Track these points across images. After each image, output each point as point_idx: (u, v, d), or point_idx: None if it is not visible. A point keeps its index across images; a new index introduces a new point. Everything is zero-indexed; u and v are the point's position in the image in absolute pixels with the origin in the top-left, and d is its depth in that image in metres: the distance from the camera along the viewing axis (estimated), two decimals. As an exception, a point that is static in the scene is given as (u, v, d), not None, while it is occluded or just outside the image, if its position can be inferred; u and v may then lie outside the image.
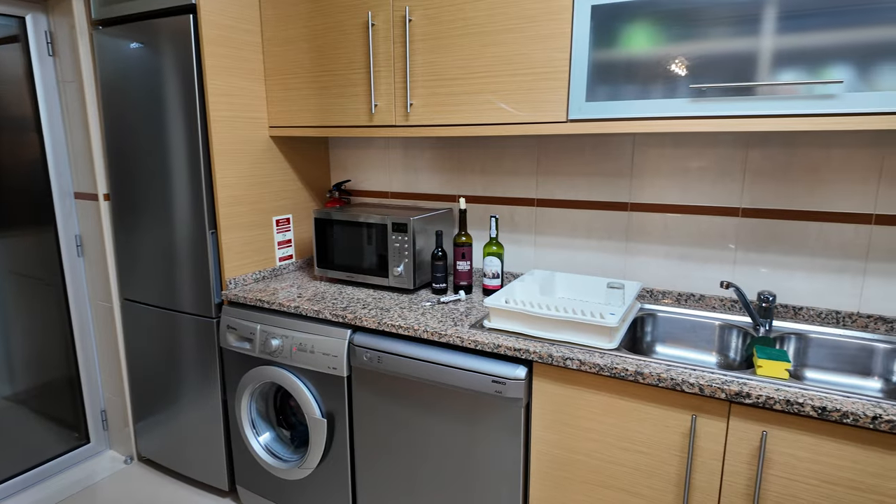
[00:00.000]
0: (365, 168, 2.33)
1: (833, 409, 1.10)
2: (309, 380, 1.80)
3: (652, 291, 1.82)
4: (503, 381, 1.44)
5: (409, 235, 1.85)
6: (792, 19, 1.24)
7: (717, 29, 1.32)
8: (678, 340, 1.70)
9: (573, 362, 1.36)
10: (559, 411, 1.43)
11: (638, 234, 1.82)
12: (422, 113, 1.75)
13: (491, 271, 1.86)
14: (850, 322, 1.57)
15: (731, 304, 1.71)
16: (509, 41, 1.57)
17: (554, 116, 1.55)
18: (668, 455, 1.31)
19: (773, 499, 1.21)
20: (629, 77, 1.44)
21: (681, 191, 1.74)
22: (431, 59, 1.70)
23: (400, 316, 1.67)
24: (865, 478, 1.12)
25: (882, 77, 1.19)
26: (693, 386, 1.23)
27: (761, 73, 1.29)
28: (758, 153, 1.62)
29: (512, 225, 2.04)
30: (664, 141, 1.74)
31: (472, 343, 1.49)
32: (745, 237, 1.67)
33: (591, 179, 1.87)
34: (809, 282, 1.61)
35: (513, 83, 1.59)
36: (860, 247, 1.54)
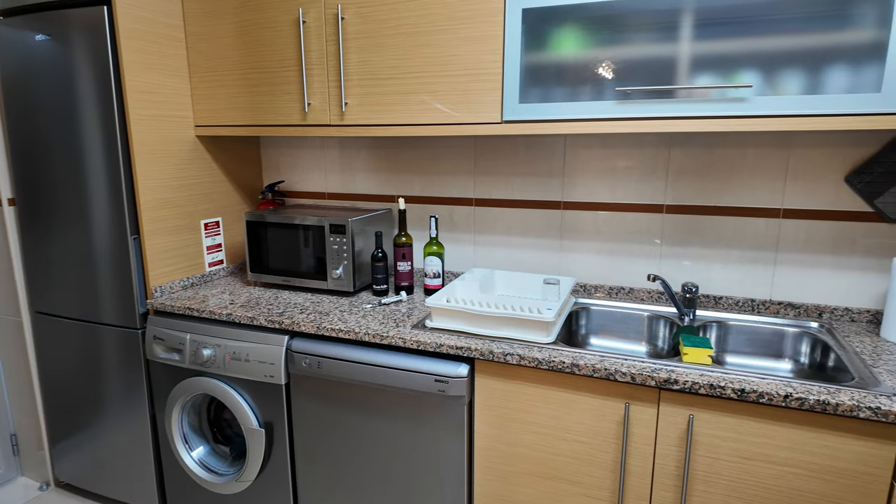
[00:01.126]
0: (299, 168, 2.27)
1: (751, 390, 1.19)
2: (244, 389, 1.73)
3: (585, 286, 1.89)
4: (446, 380, 1.45)
5: (347, 237, 1.82)
6: (706, 27, 1.33)
7: (639, 35, 1.39)
8: (611, 332, 1.77)
9: (513, 357, 1.39)
10: (501, 406, 1.46)
11: (571, 231, 1.89)
12: (357, 112, 1.73)
13: (432, 271, 1.87)
14: (763, 309, 1.70)
15: (658, 296, 1.81)
16: (442, 42, 1.58)
17: (489, 117, 1.57)
18: (605, 443, 1.37)
19: (700, 478, 1.29)
20: (560, 80, 1.48)
21: (609, 189, 1.82)
22: (366, 58, 1.68)
23: (340, 319, 1.64)
24: (780, 452, 1.21)
25: (785, 82, 1.29)
26: (625, 375, 1.29)
27: (680, 77, 1.37)
28: (679, 153, 1.72)
29: (451, 224, 2.06)
30: (593, 142, 1.81)
31: (414, 343, 1.49)
32: (669, 232, 1.77)
33: (526, 179, 1.92)
34: (727, 272, 1.73)
35: (448, 84, 1.60)
36: (770, 239, 1.67)
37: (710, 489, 1.29)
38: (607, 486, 1.38)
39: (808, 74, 1.27)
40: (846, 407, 1.12)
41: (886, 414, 1.09)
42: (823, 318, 1.63)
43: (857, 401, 1.12)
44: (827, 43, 1.25)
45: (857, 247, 1.59)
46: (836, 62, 1.25)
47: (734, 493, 1.27)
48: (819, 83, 1.27)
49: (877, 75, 1.23)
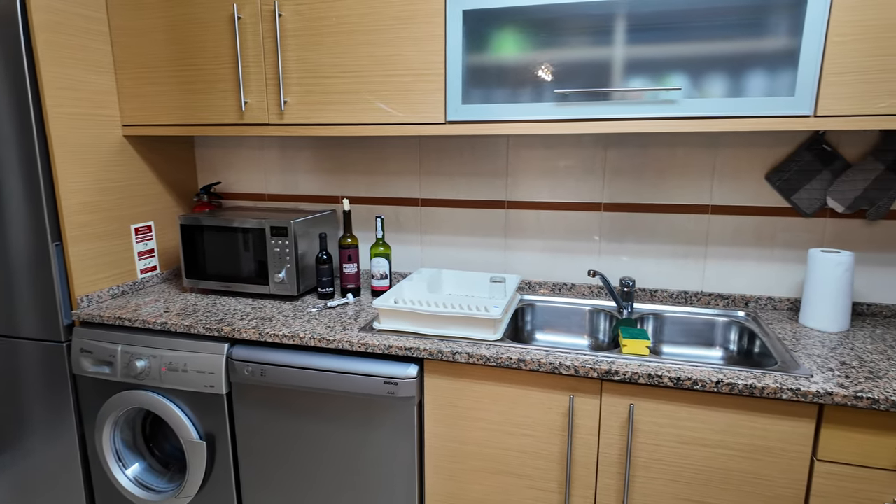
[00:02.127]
0: (237, 169, 2.19)
1: (686, 378, 1.25)
2: (182, 401, 1.65)
3: (530, 283, 1.93)
4: (395, 382, 1.44)
5: (290, 239, 1.77)
6: (637, 32, 1.39)
7: (576, 38, 1.43)
8: (555, 327, 1.82)
9: (462, 356, 1.40)
10: (451, 405, 1.47)
11: (515, 230, 1.92)
12: (297, 111, 1.68)
13: (379, 272, 1.85)
14: (695, 300, 1.79)
15: (599, 291, 1.87)
16: (384, 41, 1.57)
17: (433, 117, 1.58)
18: (552, 435, 1.40)
19: (641, 464, 1.35)
20: (501, 81, 1.51)
21: (551, 189, 1.86)
22: (305, 56, 1.64)
23: (284, 325, 1.60)
24: (713, 435, 1.28)
25: (711, 85, 1.37)
26: (569, 368, 1.33)
27: (615, 80, 1.43)
28: (616, 153, 1.79)
29: (398, 225, 2.05)
30: (535, 142, 1.85)
31: (362, 346, 1.47)
32: (607, 229, 1.84)
33: (471, 179, 1.94)
34: (662, 266, 1.81)
35: (391, 83, 1.59)
36: (700, 234, 1.76)
37: (651, 474, 1.34)
38: (555, 478, 1.42)
39: (731, 78, 1.36)
40: (771, 390, 1.20)
41: (805, 394, 1.18)
42: (749, 307, 1.75)
43: (780, 383, 1.21)
44: (747, 49, 1.34)
45: (778, 240, 1.70)
46: (755, 67, 1.34)
47: (673, 477, 1.33)
48: (741, 87, 1.36)
49: (791, 80, 1.32)
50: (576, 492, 1.41)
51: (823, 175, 1.62)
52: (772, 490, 1.27)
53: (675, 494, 1.34)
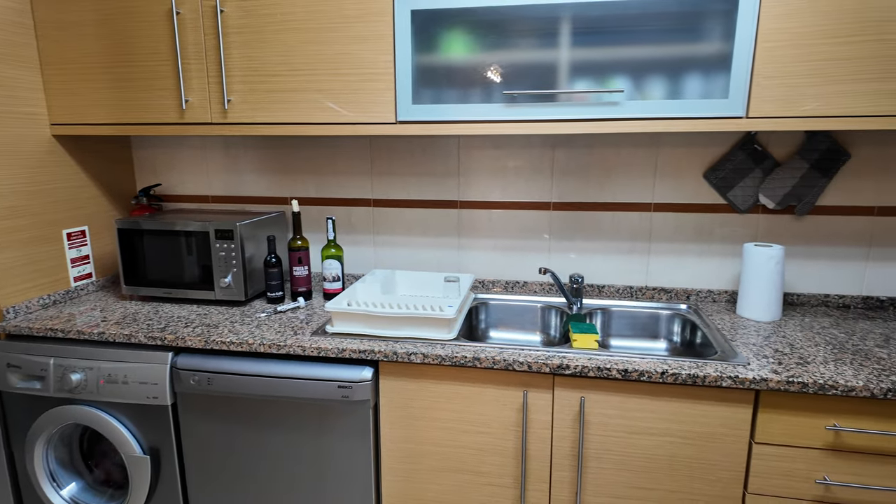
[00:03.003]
0: (178, 170, 2.10)
1: (633, 369, 1.30)
2: (123, 414, 1.57)
3: (483, 282, 1.95)
4: (349, 385, 1.42)
5: (236, 242, 1.72)
6: (582, 35, 1.43)
7: (523, 40, 1.46)
8: (508, 324, 1.84)
9: (417, 356, 1.39)
10: (406, 406, 1.46)
11: (468, 229, 1.94)
12: (242, 110, 1.63)
13: (331, 274, 1.82)
14: (640, 295, 1.86)
15: (549, 288, 1.91)
16: (331, 40, 1.55)
17: (383, 117, 1.56)
18: (507, 431, 1.42)
19: (593, 455, 1.39)
20: (451, 82, 1.52)
21: (502, 188, 1.89)
22: (250, 54, 1.60)
23: (231, 331, 1.54)
24: (660, 423, 1.34)
25: (651, 88, 1.43)
26: (523, 364, 1.35)
27: (561, 82, 1.46)
28: (563, 153, 1.83)
29: (350, 226, 2.02)
30: (485, 143, 1.87)
31: (315, 350, 1.44)
32: (556, 228, 1.88)
33: (423, 179, 1.94)
34: (608, 263, 1.87)
35: (339, 82, 1.57)
36: (644, 231, 1.83)
37: (602, 465, 1.38)
38: (510, 473, 1.44)
39: (670, 81, 1.42)
40: (712, 378, 1.26)
41: (743, 381, 1.25)
42: (691, 300, 1.83)
43: (720, 372, 1.27)
44: (684, 53, 1.40)
45: (715, 235, 1.79)
46: (692, 71, 1.40)
47: (623, 466, 1.38)
48: (679, 89, 1.42)
49: (725, 83, 1.39)
50: (531, 486, 1.43)
51: (755, 173, 1.72)
52: (714, 473, 1.33)
53: (625, 483, 1.38)
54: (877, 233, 1.70)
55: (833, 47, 1.32)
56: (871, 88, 1.32)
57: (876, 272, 1.72)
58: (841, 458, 1.26)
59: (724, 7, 1.36)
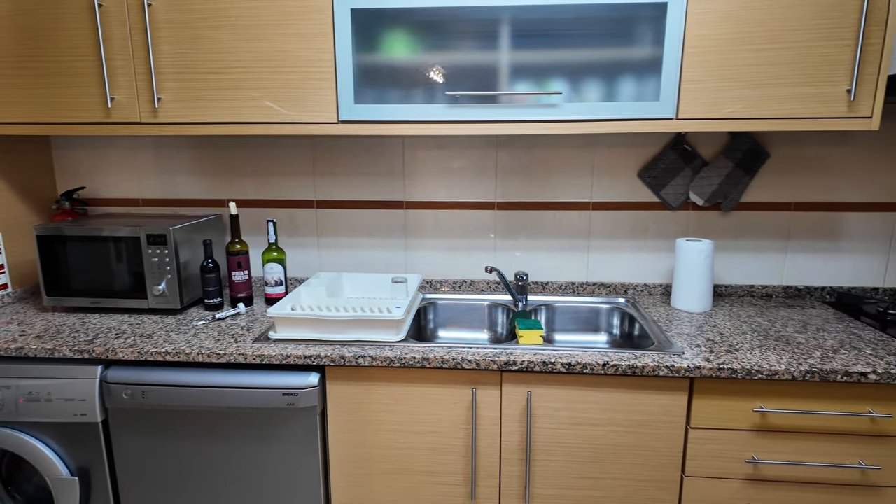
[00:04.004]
0: (105, 172, 1.98)
1: (576, 363, 1.34)
2: (47, 435, 1.46)
3: (431, 282, 1.96)
4: (295, 392, 1.39)
5: (169, 247, 1.63)
6: (521, 38, 1.46)
7: (465, 42, 1.47)
8: (456, 323, 1.85)
9: (365, 359, 1.38)
10: (355, 410, 1.44)
11: (415, 230, 1.94)
12: (174, 109, 1.56)
13: (273, 279, 1.76)
14: (582, 290, 1.92)
15: (496, 286, 1.94)
16: (269, 37, 1.50)
17: (325, 117, 1.54)
18: (456, 430, 1.43)
19: (540, 448, 1.42)
20: (394, 82, 1.51)
21: (447, 188, 1.90)
22: (182, 50, 1.52)
23: (167, 341, 1.47)
24: (602, 414, 1.38)
25: (587, 90, 1.47)
26: (471, 363, 1.36)
27: (502, 84, 1.49)
28: (506, 154, 1.86)
29: (292, 228, 1.97)
30: (429, 143, 1.87)
31: (257, 358, 1.39)
32: (501, 227, 1.91)
33: (368, 180, 1.92)
34: (551, 260, 1.92)
35: (278, 81, 1.52)
36: (584, 228, 1.89)
37: (550, 457, 1.42)
38: (461, 471, 1.45)
39: (606, 84, 1.47)
40: (650, 368, 1.32)
41: (678, 370, 1.31)
42: (629, 293, 1.91)
43: (657, 362, 1.33)
44: (618, 57, 1.45)
45: (650, 231, 1.88)
46: (626, 74, 1.46)
47: (569, 457, 1.41)
48: (614, 92, 1.47)
49: (656, 86, 1.46)
50: (482, 482, 1.45)
51: (686, 172, 1.81)
52: (655, 459, 1.39)
53: (571, 473, 1.42)
54: (794, 227, 1.83)
55: (752, 54, 1.41)
56: (787, 92, 1.43)
57: (794, 263, 1.86)
58: (767, 437, 1.35)
59: (653, 14, 1.42)
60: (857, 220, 1.81)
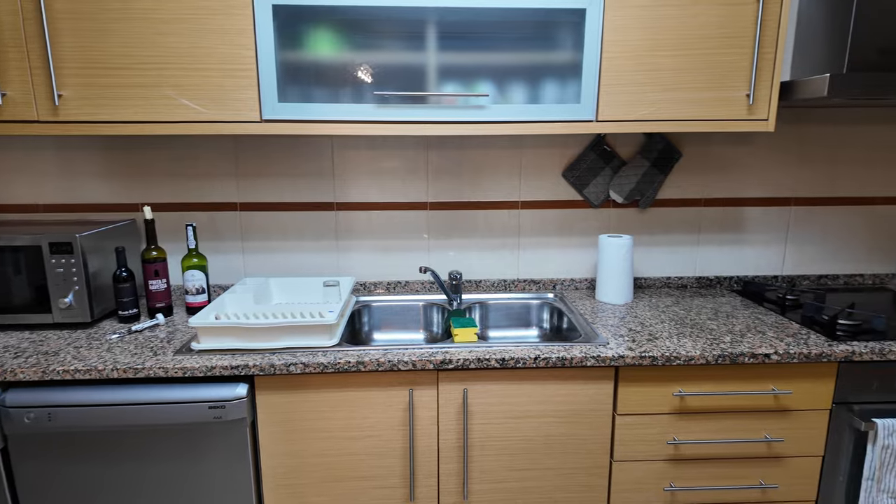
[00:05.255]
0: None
1: (510, 357, 1.37)
2: (-65, 470, 1.31)
3: (365, 284, 1.93)
4: (222, 405, 1.32)
5: (76, 256, 1.51)
6: (448, 40, 1.47)
7: (392, 42, 1.47)
8: (392, 325, 1.84)
9: (297, 367, 1.34)
10: (288, 420, 1.40)
11: (346, 231, 1.90)
12: (78, 106, 1.44)
13: (194, 287, 1.67)
14: (513, 287, 1.97)
15: (430, 286, 1.95)
16: (185, 32, 1.42)
17: (247, 116, 1.48)
18: (394, 432, 1.42)
19: (477, 444, 1.44)
20: (320, 81, 1.47)
21: (379, 189, 1.88)
22: (86, 43, 1.41)
23: (76, 357, 1.36)
24: (535, 406, 1.43)
25: (514, 93, 1.51)
26: (407, 363, 1.36)
27: (430, 85, 1.49)
28: (436, 154, 1.87)
29: (214, 233, 1.88)
30: (359, 143, 1.85)
31: (179, 371, 1.31)
32: (434, 227, 1.92)
33: (295, 181, 1.86)
34: (483, 258, 1.95)
35: (196, 78, 1.45)
36: (513, 227, 1.94)
37: (486, 452, 1.44)
38: (399, 473, 1.44)
39: (531, 87, 1.51)
40: (578, 359, 1.37)
41: (604, 359, 1.37)
42: (557, 288, 1.97)
43: (584, 353, 1.39)
44: (542, 61, 1.50)
45: (575, 228, 1.95)
46: (549, 77, 1.51)
47: (504, 451, 1.44)
48: (539, 94, 1.52)
49: (577, 90, 1.52)
50: (420, 482, 1.45)
51: (606, 171, 1.90)
52: (585, 447, 1.45)
53: (506, 466, 1.45)
54: (704, 221, 1.97)
55: (664, 59, 1.51)
56: (695, 96, 1.53)
57: (705, 255, 2.00)
58: (685, 419, 1.45)
59: (573, 19, 1.48)
60: (758, 214, 1.98)
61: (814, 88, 1.47)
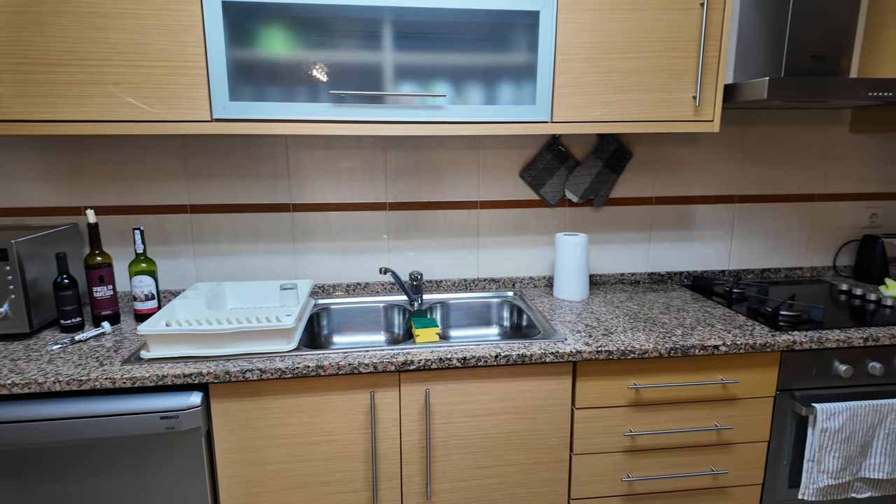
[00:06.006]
0: (-77, 179, 1.68)
1: (471, 356, 1.38)
2: None
3: (324, 286, 1.90)
4: (175, 415, 1.27)
5: (12, 263, 1.42)
6: (404, 40, 1.47)
7: (346, 41, 1.45)
8: (352, 328, 1.82)
9: (254, 373, 1.30)
10: (245, 428, 1.36)
11: (303, 233, 1.87)
12: (14, 104, 1.36)
13: (142, 293, 1.61)
14: (474, 286, 1.98)
15: (391, 287, 1.94)
16: (130, 27, 1.37)
17: (197, 115, 1.43)
18: (355, 435, 1.40)
19: (439, 444, 1.44)
20: (273, 79, 1.44)
21: (336, 190, 1.86)
22: (21, 38, 1.33)
23: (13, 370, 1.28)
24: (496, 403, 1.44)
25: (471, 93, 1.52)
26: (368, 366, 1.35)
27: (387, 85, 1.49)
28: (395, 154, 1.87)
29: (163, 236, 1.81)
30: (316, 143, 1.82)
31: (128, 381, 1.26)
32: (394, 227, 1.91)
33: (248, 182, 1.81)
34: (444, 258, 1.96)
35: (142, 76, 1.39)
36: (473, 226, 1.95)
37: (448, 452, 1.45)
38: (361, 477, 1.43)
39: (487, 88, 1.53)
40: (537, 356, 1.39)
41: (563, 355, 1.40)
42: (516, 287, 2.00)
43: (543, 349, 1.41)
44: (498, 62, 1.52)
45: (533, 227, 1.98)
46: (505, 79, 1.53)
47: (467, 449, 1.45)
48: (495, 95, 1.54)
49: (532, 91, 1.55)
50: (383, 485, 1.44)
51: (561, 172, 1.94)
52: (545, 442, 1.48)
53: (469, 465, 1.46)
54: (655, 219, 2.04)
55: (615, 62, 1.55)
56: (645, 98, 1.58)
57: (656, 251, 2.07)
58: (640, 411, 1.49)
59: (527, 21, 1.50)
60: (706, 211, 2.06)
61: (754, 91, 1.55)
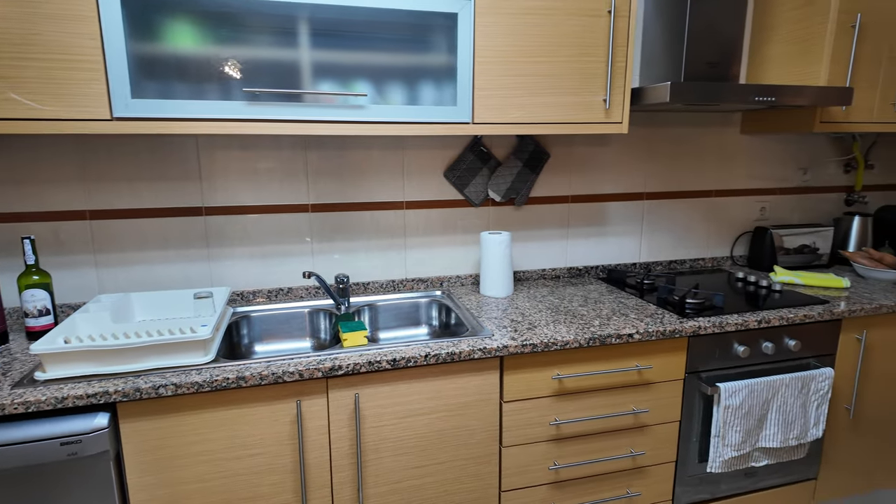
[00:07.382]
0: None
1: (401, 358, 1.37)
2: None
3: (243, 293, 1.82)
4: (77, 440, 1.17)
5: None
6: (321, 37, 1.43)
7: (260, 37, 1.39)
8: (275, 335, 1.76)
9: (168, 388, 1.22)
10: (160, 448, 1.27)
11: (218, 238, 1.78)
12: None
13: (35, 308, 1.46)
14: (402, 287, 1.97)
15: (316, 291, 1.89)
16: (13, 16, 1.23)
17: (95, 113, 1.32)
18: (282, 447, 1.35)
19: (371, 448, 1.42)
20: (182, 76, 1.36)
21: (254, 192, 1.78)
22: None
23: None
24: (427, 403, 1.44)
25: (392, 93, 1.51)
26: (293, 374, 1.30)
27: (305, 83, 1.44)
28: (316, 155, 1.82)
29: (59, 246, 1.65)
30: (230, 143, 1.74)
31: (20, 406, 1.14)
32: (317, 230, 1.86)
33: (155, 185, 1.70)
34: (371, 260, 1.94)
35: (28, 69, 1.26)
36: (399, 227, 1.94)
37: (380, 455, 1.43)
38: (289, 488, 1.38)
39: (409, 88, 1.53)
40: (466, 353, 1.41)
41: (490, 351, 1.43)
42: (444, 286, 2.02)
43: (472, 346, 1.43)
44: (419, 63, 1.52)
45: (458, 227, 2.01)
46: (427, 79, 1.54)
47: (399, 451, 1.45)
48: (417, 96, 1.54)
49: (453, 92, 1.56)
50: (312, 494, 1.40)
51: (484, 172, 1.98)
52: (476, 437, 1.50)
53: (402, 466, 1.46)
54: (572, 216, 2.14)
55: (530, 65, 1.60)
56: (558, 100, 1.65)
57: (574, 247, 2.17)
58: (564, 400, 1.56)
59: (446, 23, 1.52)
60: (617, 208, 2.18)
61: (658, 94, 1.66)
